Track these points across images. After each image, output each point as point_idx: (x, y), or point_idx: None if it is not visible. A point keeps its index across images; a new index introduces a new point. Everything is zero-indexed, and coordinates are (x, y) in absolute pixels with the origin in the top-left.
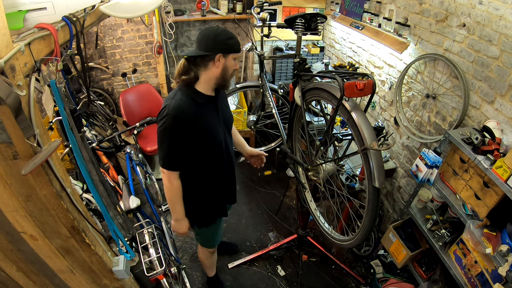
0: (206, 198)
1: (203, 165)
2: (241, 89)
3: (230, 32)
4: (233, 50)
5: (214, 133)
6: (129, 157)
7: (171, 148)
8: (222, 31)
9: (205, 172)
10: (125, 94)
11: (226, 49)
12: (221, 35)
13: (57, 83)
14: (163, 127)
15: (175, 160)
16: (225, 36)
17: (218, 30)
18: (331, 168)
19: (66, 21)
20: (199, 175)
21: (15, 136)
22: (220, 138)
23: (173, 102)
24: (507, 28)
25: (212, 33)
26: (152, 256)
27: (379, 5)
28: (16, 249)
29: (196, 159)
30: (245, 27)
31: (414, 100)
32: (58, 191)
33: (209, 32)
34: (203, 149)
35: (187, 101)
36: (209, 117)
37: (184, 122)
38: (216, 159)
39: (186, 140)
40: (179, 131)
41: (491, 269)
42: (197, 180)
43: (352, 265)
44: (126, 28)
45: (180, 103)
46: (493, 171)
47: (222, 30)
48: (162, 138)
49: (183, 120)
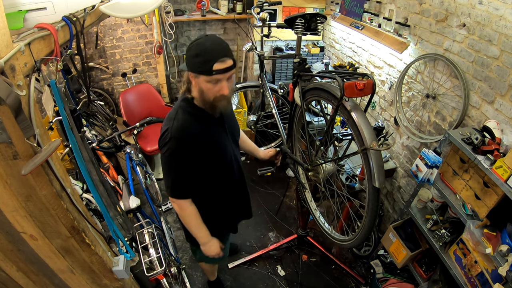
0: (217, 215)
1: (213, 183)
2: (241, 89)
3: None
4: (199, 71)
5: (222, 149)
6: (129, 157)
7: (179, 175)
8: (196, 45)
9: (215, 189)
10: (125, 94)
11: (193, 69)
12: (192, 49)
13: (57, 83)
14: (168, 153)
15: (184, 187)
16: (194, 52)
17: (195, 41)
18: (331, 168)
19: (66, 21)
20: (209, 193)
21: (15, 136)
22: (229, 153)
23: (176, 124)
24: (507, 28)
25: (190, 44)
26: (152, 256)
27: (379, 5)
28: (16, 249)
29: (206, 179)
30: (245, 27)
31: (414, 100)
32: (58, 191)
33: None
34: (212, 168)
35: (190, 119)
36: (215, 133)
37: (190, 143)
38: (226, 175)
39: (194, 163)
40: (186, 154)
41: (491, 269)
42: (207, 197)
43: (352, 265)
44: (126, 28)
45: (183, 123)
46: (493, 171)
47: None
48: (169, 165)
49: (189, 141)
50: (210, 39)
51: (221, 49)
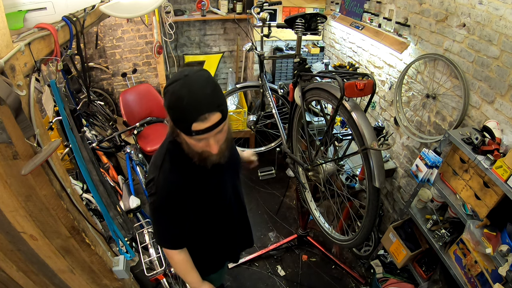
0: (213, 249)
1: (208, 224)
2: (241, 89)
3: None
4: (177, 127)
5: (219, 193)
6: (129, 157)
7: (166, 228)
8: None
9: (211, 228)
10: (125, 94)
11: (171, 120)
12: (166, 96)
13: (57, 83)
14: (153, 206)
15: (172, 239)
16: (168, 102)
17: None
18: (331, 168)
19: (66, 21)
20: (204, 232)
21: (15, 136)
22: (228, 194)
23: (162, 177)
24: (507, 28)
25: (166, 86)
26: (152, 256)
27: (379, 5)
28: (16, 249)
29: (199, 223)
30: (245, 27)
31: (414, 100)
32: (58, 191)
33: (167, 83)
34: (206, 213)
35: (177, 169)
36: (210, 179)
37: (178, 199)
38: (224, 214)
39: (183, 215)
40: (173, 210)
41: (491, 269)
42: (201, 236)
43: (352, 265)
44: (126, 28)
45: (170, 177)
46: (493, 171)
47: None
48: (155, 217)
49: (176, 196)
50: (188, 84)
51: (202, 102)
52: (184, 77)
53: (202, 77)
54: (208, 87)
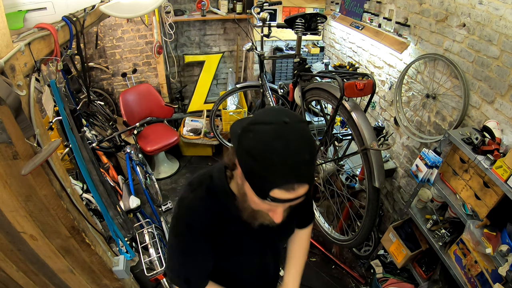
0: None
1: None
2: (241, 89)
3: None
4: (249, 183)
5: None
6: (129, 157)
7: (184, 264)
8: (258, 139)
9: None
10: (125, 94)
11: (242, 169)
12: (249, 140)
13: (57, 83)
14: (174, 232)
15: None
16: (250, 149)
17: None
18: (331, 168)
19: (66, 21)
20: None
21: (15, 136)
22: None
23: (190, 201)
24: (507, 28)
25: (248, 124)
26: (152, 256)
27: (379, 5)
28: (16, 249)
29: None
30: (245, 27)
31: (414, 100)
32: (58, 191)
33: (251, 121)
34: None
35: (210, 202)
36: (241, 236)
37: (200, 233)
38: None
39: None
40: (193, 243)
41: (491, 269)
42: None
43: (352, 265)
44: (126, 28)
45: (198, 205)
46: (493, 171)
47: (261, 137)
48: (171, 245)
49: (198, 230)
50: (285, 138)
51: (297, 169)
52: (284, 124)
53: (304, 136)
54: (307, 151)
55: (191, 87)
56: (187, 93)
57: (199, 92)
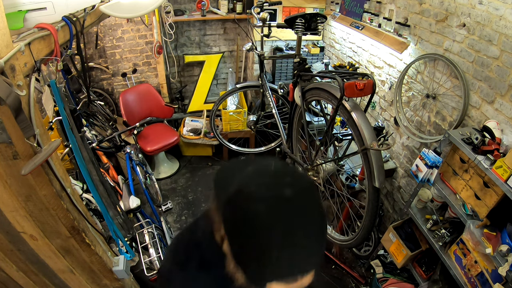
0: None
1: None
2: (241, 89)
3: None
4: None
5: None
6: (129, 157)
7: None
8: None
9: None
10: (125, 94)
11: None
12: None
13: (57, 83)
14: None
15: None
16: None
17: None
18: (331, 168)
19: (66, 21)
20: None
21: (15, 136)
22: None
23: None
24: (507, 28)
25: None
26: (152, 256)
27: (379, 5)
28: (16, 249)
29: None
30: (245, 27)
31: (414, 100)
32: (58, 191)
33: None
34: None
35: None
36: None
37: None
38: None
39: None
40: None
41: (491, 269)
42: None
43: (352, 265)
44: (126, 28)
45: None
46: (493, 171)
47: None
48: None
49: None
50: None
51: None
52: (285, 203)
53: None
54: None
55: (191, 87)
56: (187, 93)
57: (199, 92)
